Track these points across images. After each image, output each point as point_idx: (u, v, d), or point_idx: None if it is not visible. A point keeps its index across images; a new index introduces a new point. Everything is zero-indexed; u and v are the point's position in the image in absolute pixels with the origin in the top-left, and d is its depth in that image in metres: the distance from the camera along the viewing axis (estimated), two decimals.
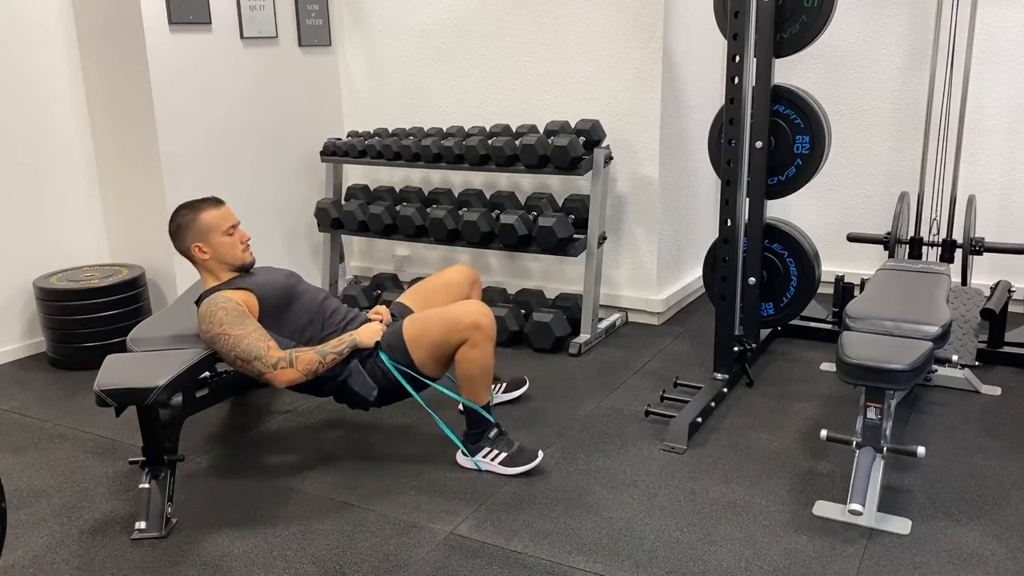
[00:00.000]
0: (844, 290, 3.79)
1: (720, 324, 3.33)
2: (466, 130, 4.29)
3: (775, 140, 3.44)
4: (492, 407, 3.25)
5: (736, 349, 3.36)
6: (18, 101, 3.87)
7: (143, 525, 2.51)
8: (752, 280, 3.46)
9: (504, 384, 3.37)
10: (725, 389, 3.32)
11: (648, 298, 4.24)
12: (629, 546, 2.40)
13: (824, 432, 2.63)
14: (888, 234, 3.83)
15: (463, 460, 2.86)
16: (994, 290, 3.49)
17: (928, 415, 3.15)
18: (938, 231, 3.86)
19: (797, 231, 3.60)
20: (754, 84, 3.29)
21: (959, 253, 3.72)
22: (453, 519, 2.55)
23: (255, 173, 4.45)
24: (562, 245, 3.91)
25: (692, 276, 4.54)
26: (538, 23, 4.20)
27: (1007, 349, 3.57)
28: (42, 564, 2.40)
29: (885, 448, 2.54)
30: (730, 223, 3.21)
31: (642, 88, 4.00)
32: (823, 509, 2.55)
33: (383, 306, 3.11)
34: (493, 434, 2.83)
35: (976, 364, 3.40)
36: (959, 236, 3.72)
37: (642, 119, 4.03)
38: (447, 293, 3.10)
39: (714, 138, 3.51)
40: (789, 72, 4.09)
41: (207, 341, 2.73)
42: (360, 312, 3.05)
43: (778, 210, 4.19)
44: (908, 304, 2.81)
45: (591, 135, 3.92)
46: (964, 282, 3.67)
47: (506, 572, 2.30)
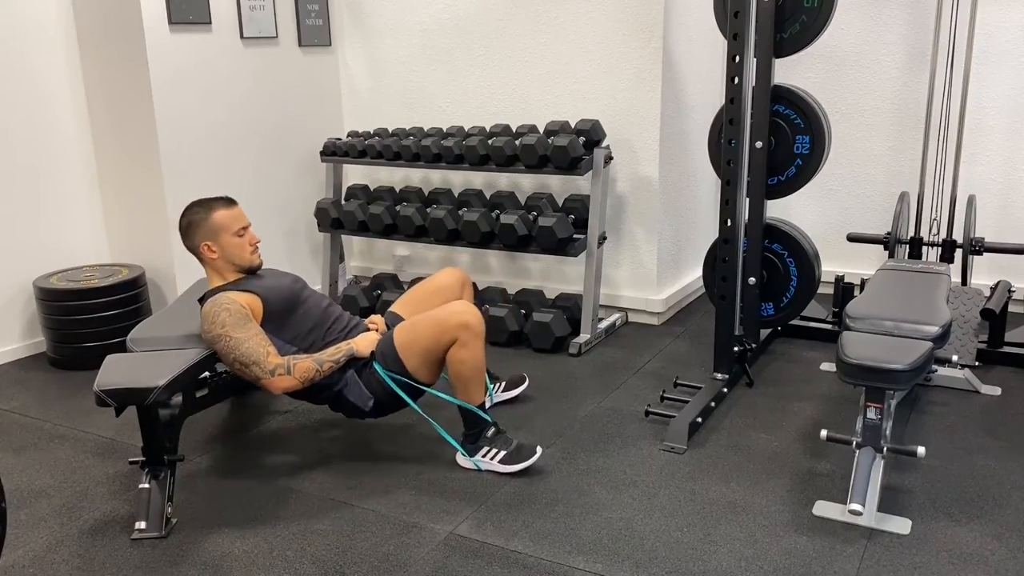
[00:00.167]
0: (844, 290, 3.79)
1: (720, 324, 3.33)
2: (466, 130, 4.29)
3: (775, 140, 3.44)
4: (492, 406, 3.26)
5: (736, 349, 3.36)
6: (18, 101, 3.87)
7: (143, 525, 2.51)
8: (752, 280, 3.46)
9: (503, 383, 3.37)
10: (725, 389, 3.32)
11: (648, 298, 4.24)
12: (629, 546, 2.40)
13: (824, 432, 2.63)
14: (888, 234, 3.83)
15: (463, 460, 2.86)
16: (994, 290, 3.49)
17: (928, 415, 3.15)
18: (938, 231, 3.86)
19: (797, 231, 3.60)
20: (754, 84, 3.29)
21: (959, 253, 3.72)
22: (453, 519, 2.55)
23: (255, 173, 4.45)
24: (562, 245, 3.91)
25: (692, 276, 4.54)
26: (538, 23, 4.20)
27: (1007, 349, 3.57)
28: (42, 564, 2.40)
29: (885, 448, 2.54)
30: (730, 223, 3.21)
31: (642, 88, 4.00)
32: (823, 509, 2.55)
33: (378, 315, 3.12)
34: (491, 433, 2.83)
35: (976, 364, 3.40)
36: (959, 236, 3.72)
37: (642, 119, 4.03)
38: (438, 297, 3.09)
39: (714, 138, 3.51)
40: (789, 72, 4.09)
41: (208, 341, 2.73)
42: (361, 321, 3.05)
43: (778, 210, 4.19)
44: (908, 304, 2.81)
45: (591, 135, 3.92)
46: (964, 282, 3.67)
47: (506, 572, 2.30)
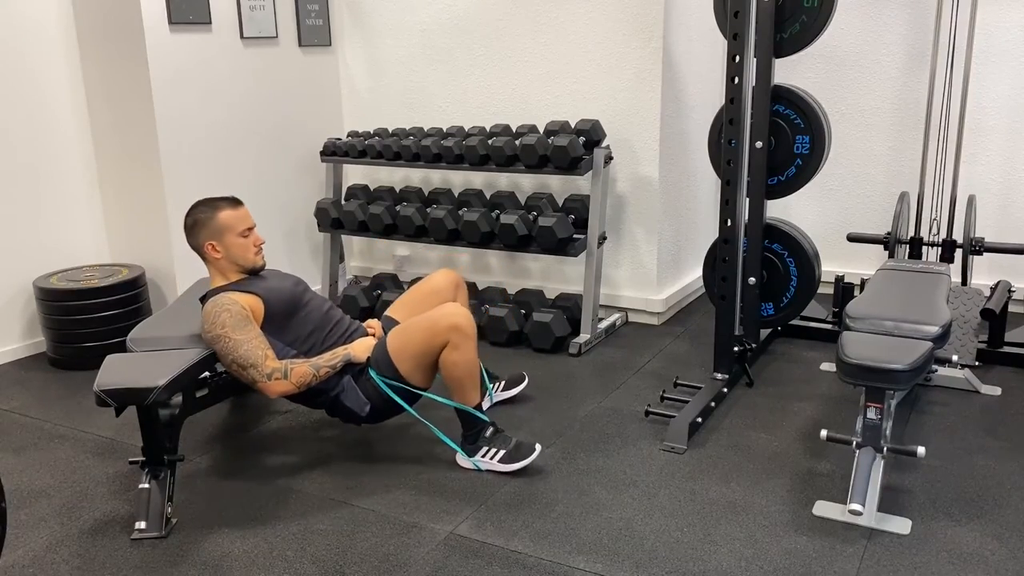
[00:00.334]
0: (844, 290, 3.79)
1: (720, 324, 3.33)
2: (466, 130, 4.29)
3: (775, 140, 3.44)
4: (492, 406, 3.27)
5: (736, 349, 3.36)
6: (18, 101, 3.87)
7: (143, 525, 2.51)
8: (752, 280, 3.46)
9: (503, 382, 3.36)
10: (725, 389, 3.32)
11: (648, 298, 4.24)
12: (629, 546, 2.40)
13: (824, 432, 2.63)
14: (888, 234, 3.83)
15: (462, 461, 2.86)
16: (994, 290, 3.49)
17: (928, 415, 3.15)
18: (938, 231, 3.86)
19: (797, 231, 3.60)
20: (754, 84, 3.29)
21: (959, 253, 3.72)
22: (453, 519, 2.55)
23: (255, 173, 4.45)
24: (562, 245, 3.91)
25: (692, 276, 4.54)
26: (538, 23, 4.20)
27: (1007, 349, 3.57)
28: (42, 564, 2.40)
29: (885, 448, 2.54)
30: (730, 223, 3.21)
31: (642, 88, 4.00)
32: (823, 509, 2.55)
33: (376, 320, 3.12)
34: (489, 432, 2.83)
35: (976, 364, 3.40)
36: (959, 236, 3.72)
37: (642, 119, 4.03)
38: (432, 300, 3.08)
39: (714, 138, 3.51)
40: (789, 72, 4.09)
41: (208, 340, 2.73)
42: (361, 325, 3.05)
43: (778, 210, 4.19)
44: (908, 304, 2.81)
45: (591, 135, 3.92)
46: (964, 282, 3.67)
47: (506, 572, 2.30)
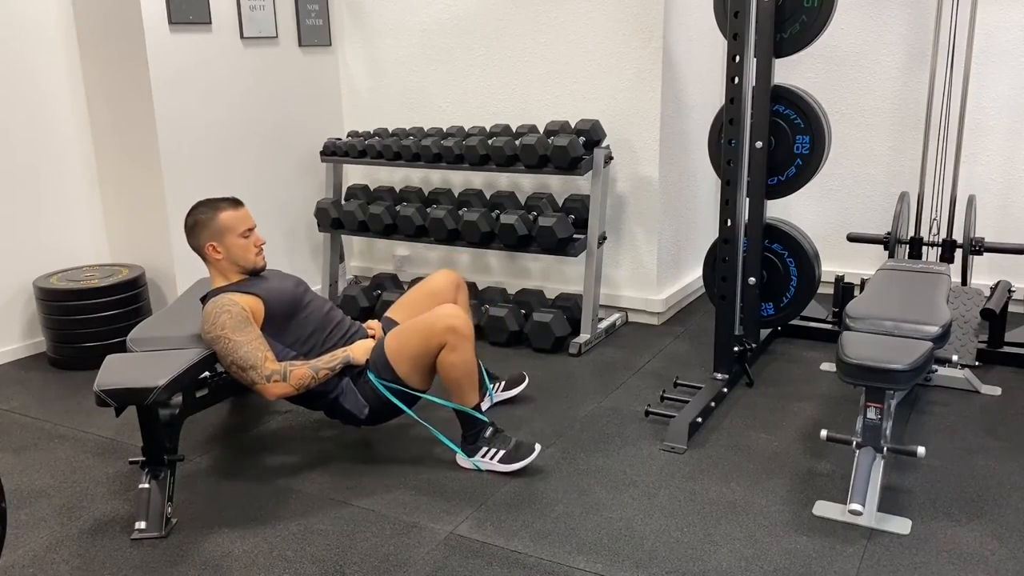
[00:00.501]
0: (844, 290, 3.79)
1: (720, 324, 3.33)
2: (466, 130, 4.29)
3: (775, 140, 3.44)
4: (492, 406, 3.26)
5: (736, 349, 3.36)
6: (18, 101, 3.87)
7: (143, 525, 2.51)
8: (752, 280, 3.46)
9: (503, 382, 3.36)
10: (725, 389, 3.32)
11: (648, 298, 4.24)
12: (629, 546, 2.40)
13: (824, 432, 2.63)
14: (888, 234, 3.83)
15: (462, 461, 2.86)
16: (994, 290, 3.49)
17: (928, 415, 3.15)
18: (938, 231, 3.86)
19: (797, 231, 3.59)
20: (754, 84, 3.29)
21: (959, 253, 3.72)
22: (453, 519, 2.55)
23: (255, 173, 4.45)
24: (562, 245, 3.91)
25: (692, 276, 4.54)
26: (538, 23, 4.20)
27: (1007, 349, 3.57)
28: (42, 564, 2.40)
29: (885, 448, 2.54)
30: (730, 223, 3.21)
31: (642, 88, 4.00)
32: (823, 509, 2.55)
33: (376, 321, 3.11)
34: (489, 433, 2.83)
35: (976, 364, 3.40)
36: (959, 236, 3.72)
37: (642, 119, 4.03)
38: (432, 301, 3.07)
39: (714, 138, 3.51)
40: (789, 72, 4.09)
41: (207, 341, 2.73)
42: (362, 327, 3.05)
43: (778, 210, 4.19)
44: (908, 304, 2.81)
45: (591, 135, 3.92)
46: (964, 282, 3.67)
47: (506, 572, 2.30)
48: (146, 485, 2.57)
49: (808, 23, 3.30)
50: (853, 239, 3.95)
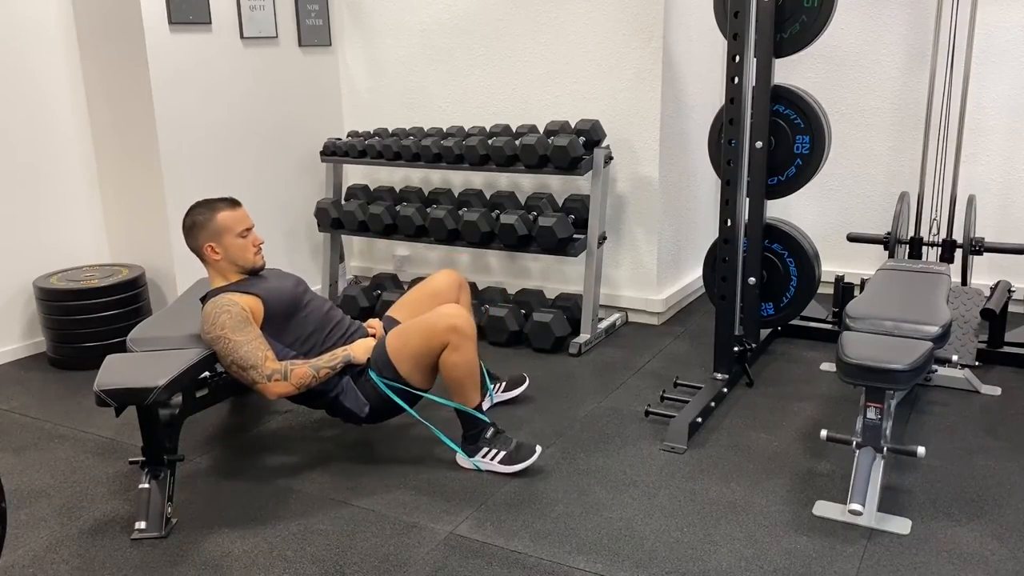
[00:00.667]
0: (844, 290, 3.79)
1: (720, 324, 3.33)
2: (466, 130, 4.29)
3: (775, 140, 3.44)
4: (492, 406, 3.26)
5: (736, 349, 3.36)
6: (18, 101, 3.87)
7: (143, 525, 2.51)
8: (752, 280, 3.46)
9: (504, 383, 3.36)
10: (725, 389, 3.32)
11: (648, 298, 4.24)
12: (629, 546, 2.40)
13: (824, 432, 2.63)
14: (888, 234, 3.83)
15: (463, 461, 2.86)
16: (994, 290, 3.49)
17: (928, 415, 3.15)
18: (938, 231, 3.86)
19: (797, 231, 3.59)
20: (754, 84, 3.29)
21: (959, 253, 3.72)
22: (453, 519, 2.55)
23: (255, 173, 4.45)
24: (562, 245, 3.91)
25: (692, 276, 4.54)
26: (538, 23, 4.20)
27: (1007, 349, 3.57)
28: (42, 564, 2.40)
29: (885, 448, 2.54)
30: (730, 223, 3.21)
31: (642, 88, 4.00)
32: (823, 509, 2.55)
33: (377, 320, 3.11)
34: (490, 433, 2.83)
35: (976, 364, 3.40)
36: (959, 236, 3.72)
37: (642, 119, 4.03)
38: (434, 301, 3.07)
39: (714, 138, 3.51)
40: (789, 72, 4.09)
41: (207, 341, 2.73)
42: (362, 325, 3.05)
43: (778, 210, 4.19)
44: (908, 304, 2.81)
45: (591, 135, 3.92)
46: (964, 282, 3.67)
47: (506, 572, 2.30)
48: (146, 485, 2.57)
49: (808, 23, 3.30)
50: (853, 239, 3.95)
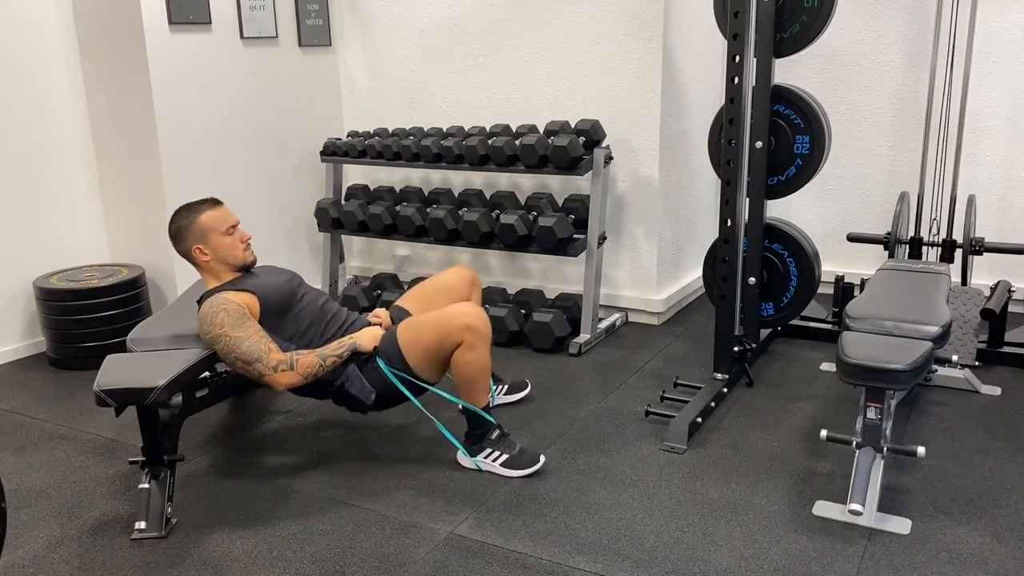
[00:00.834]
0: (844, 290, 3.79)
1: (720, 324, 3.33)
2: (466, 130, 4.29)
3: (775, 140, 3.44)
4: (493, 407, 3.26)
5: (736, 349, 3.36)
6: (18, 101, 3.87)
7: (143, 525, 2.51)
8: (752, 280, 3.46)
9: (506, 386, 3.37)
10: (725, 389, 3.32)
11: (648, 298, 4.24)
12: (629, 546, 2.40)
13: (824, 432, 2.63)
14: (888, 234, 3.83)
15: (464, 460, 2.86)
16: (994, 290, 3.49)
17: (928, 415, 3.15)
18: (938, 231, 3.86)
19: (797, 231, 3.59)
20: (754, 84, 3.29)
21: (959, 253, 3.72)
22: (453, 519, 2.55)
23: (255, 173, 4.45)
24: (562, 245, 3.91)
25: (692, 276, 4.54)
26: (538, 23, 4.20)
27: (1007, 349, 3.56)
28: (42, 564, 2.40)
29: (885, 448, 2.54)
30: (730, 223, 3.21)
31: (642, 88, 4.00)
32: (823, 509, 2.55)
33: (383, 309, 3.11)
34: (495, 435, 2.83)
35: (976, 364, 3.40)
36: (959, 236, 3.72)
37: (642, 119, 4.03)
38: (446, 296, 3.08)
39: (714, 138, 3.50)
40: (789, 72, 4.09)
41: (207, 342, 2.73)
42: (361, 316, 3.05)
43: (778, 210, 4.19)
44: (908, 304, 2.81)
45: (591, 135, 3.92)
46: (964, 282, 3.67)
47: (506, 572, 2.30)
48: (146, 485, 2.57)
49: (808, 23, 3.30)
50: (853, 239, 3.95)
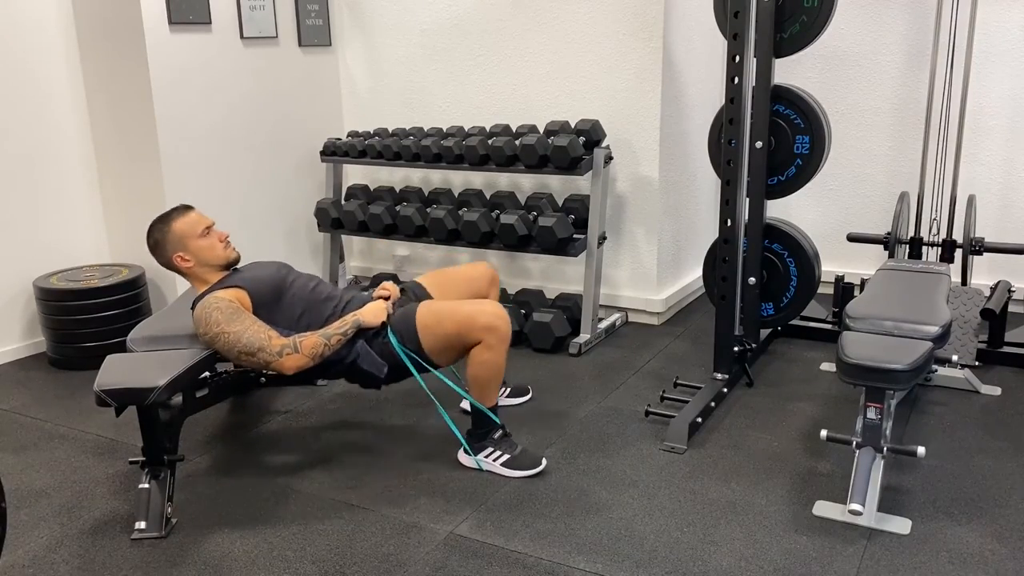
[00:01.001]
0: (844, 290, 3.79)
1: (720, 324, 3.33)
2: (466, 130, 4.29)
3: (775, 140, 3.44)
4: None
5: (736, 349, 3.36)
6: (18, 101, 3.87)
7: (143, 525, 2.51)
8: (752, 280, 3.46)
9: (508, 389, 3.37)
10: (725, 389, 3.32)
11: (648, 298, 4.24)
12: (629, 546, 2.40)
13: (824, 432, 2.63)
14: (888, 234, 3.83)
15: (465, 459, 2.86)
16: (994, 290, 3.49)
17: (928, 415, 3.15)
18: (938, 231, 3.86)
19: (797, 231, 3.59)
20: (754, 84, 3.29)
21: (959, 253, 3.72)
22: (453, 519, 2.55)
23: (255, 173, 4.45)
24: (562, 245, 3.91)
25: (692, 276, 4.54)
26: (538, 23, 4.20)
27: (1007, 349, 3.56)
28: (42, 564, 2.40)
29: (885, 448, 2.54)
30: (730, 223, 3.21)
31: (642, 88, 4.00)
32: (823, 509, 2.55)
33: (390, 282, 3.08)
34: (498, 435, 2.83)
35: (976, 364, 3.40)
36: (959, 236, 3.72)
37: (642, 119, 4.03)
38: (467, 287, 3.11)
39: (714, 138, 3.50)
40: (789, 72, 4.08)
41: (207, 343, 2.72)
42: (360, 292, 3.02)
43: (778, 210, 4.19)
44: (908, 304, 2.81)
45: (591, 135, 3.92)
46: (964, 282, 3.67)
47: (506, 572, 2.30)
48: (146, 485, 2.57)
49: (808, 23, 3.30)
50: (853, 239, 3.95)
